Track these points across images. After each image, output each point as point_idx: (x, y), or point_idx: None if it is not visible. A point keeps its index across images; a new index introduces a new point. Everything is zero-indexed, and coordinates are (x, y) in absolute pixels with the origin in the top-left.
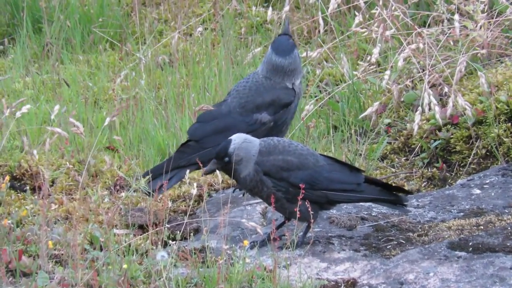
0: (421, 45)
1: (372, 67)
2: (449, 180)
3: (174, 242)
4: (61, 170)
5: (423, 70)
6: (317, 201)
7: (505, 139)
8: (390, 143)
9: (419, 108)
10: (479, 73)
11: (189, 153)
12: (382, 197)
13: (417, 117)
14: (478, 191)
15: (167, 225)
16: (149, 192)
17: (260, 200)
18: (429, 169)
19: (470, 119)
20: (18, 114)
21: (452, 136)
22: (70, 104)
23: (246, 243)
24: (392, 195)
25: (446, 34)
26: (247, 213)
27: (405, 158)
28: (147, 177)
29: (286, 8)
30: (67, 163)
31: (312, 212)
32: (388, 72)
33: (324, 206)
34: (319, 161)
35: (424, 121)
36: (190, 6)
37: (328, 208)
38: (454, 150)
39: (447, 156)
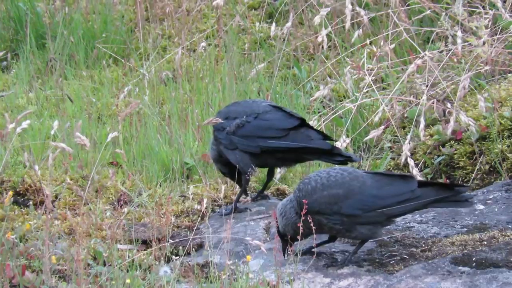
0: (427, 60)
1: (375, 82)
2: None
3: (177, 257)
4: (64, 185)
5: (427, 86)
6: (376, 221)
7: (508, 155)
8: (393, 158)
9: (408, 136)
10: (478, 96)
11: None
12: (440, 196)
13: (406, 147)
14: (481, 207)
15: (170, 241)
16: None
17: (264, 215)
18: None
19: (474, 135)
20: (18, 129)
21: (455, 151)
22: (73, 119)
23: (249, 258)
24: (451, 191)
25: (449, 52)
26: (250, 229)
27: (408, 174)
28: None
29: (289, 24)
30: (69, 178)
31: (368, 233)
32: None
33: (385, 223)
34: (366, 182)
35: (428, 137)
36: (193, 22)
37: (389, 223)
38: (457, 165)
39: (450, 171)
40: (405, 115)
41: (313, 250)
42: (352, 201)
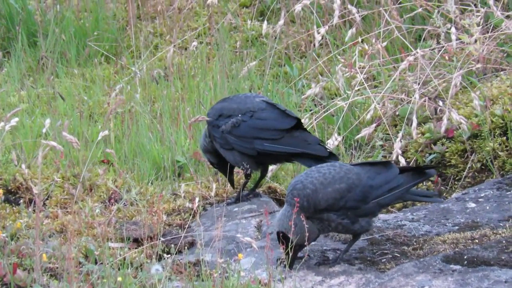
0: (419, 58)
1: (366, 81)
2: (444, 194)
3: (168, 255)
4: (54, 183)
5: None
6: (371, 212)
7: (500, 153)
8: (385, 156)
9: (400, 134)
10: (472, 94)
11: None
12: (417, 180)
13: (397, 145)
14: (473, 205)
15: (161, 239)
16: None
17: (255, 213)
18: (424, 182)
19: (465, 133)
20: (7, 127)
21: (447, 149)
22: (65, 117)
23: (241, 256)
24: (424, 174)
25: (441, 50)
26: (242, 227)
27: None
28: None
29: (281, 22)
30: (58, 177)
31: (366, 225)
32: None
33: (376, 214)
34: (360, 173)
35: (419, 135)
36: (185, 20)
37: (378, 214)
38: (449, 163)
39: (442, 169)
40: (397, 113)
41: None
42: (353, 194)
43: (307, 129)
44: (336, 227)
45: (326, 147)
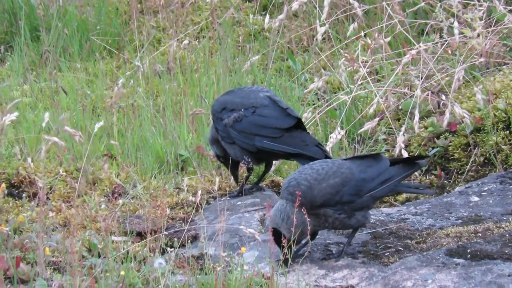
0: (421, 52)
1: (369, 75)
2: (447, 188)
3: (172, 249)
4: (57, 177)
5: (421, 78)
6: (366, 205)
7: (503, 147)
8: (388, 150)
9: (402, 128)
10: (475, 89)
11: None
12: (408, 171)
13: (400, 138)
14: (476, 199)
15: (165, 232)
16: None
17: (259, 207)
18: (427, 176)
19: (468, 126)
20: (7, 121)
21: (450, 143)
22: (68, 112)
23: (244, 250)
24: (415, 165)
25: (444, 44)
26: (245, 221)
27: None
28: None
29: (281, 16)
30: (62, 170)
31: (362, 219)
32: None
33: (371, 207)
34: (351, 167)
35: (422, 129)
36: (188, 15)
37: (372, 207)
38: (452, 157)
39: (445, 163)
40: (400, 107)
41: (304, 250)
42: (348, 188)
43: (310, 123)
44: (333, 223)
45: (324, 149)
